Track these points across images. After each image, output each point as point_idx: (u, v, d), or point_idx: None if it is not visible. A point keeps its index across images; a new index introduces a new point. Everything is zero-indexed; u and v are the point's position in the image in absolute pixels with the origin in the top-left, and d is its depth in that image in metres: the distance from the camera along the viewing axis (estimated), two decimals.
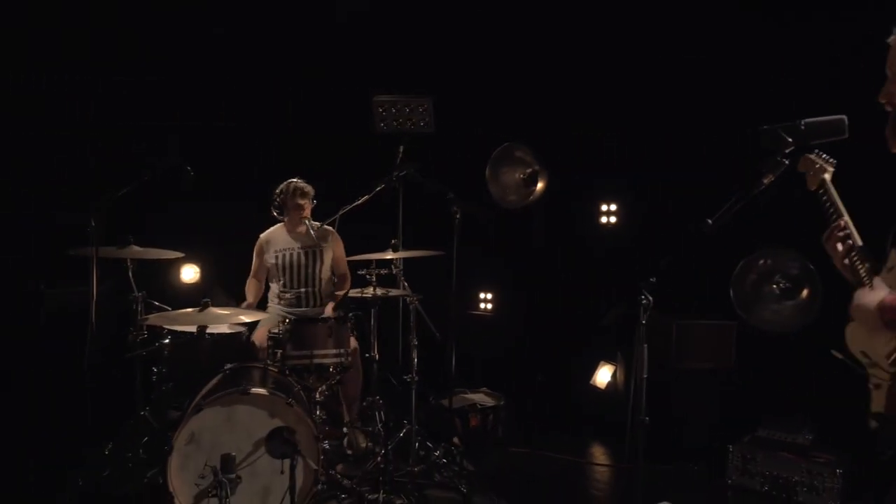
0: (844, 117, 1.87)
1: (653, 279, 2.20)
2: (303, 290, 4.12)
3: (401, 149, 3.78)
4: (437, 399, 4.24)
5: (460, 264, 3.69)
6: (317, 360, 3.37)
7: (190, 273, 5.31)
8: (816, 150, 1.97)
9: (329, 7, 5.25)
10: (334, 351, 3.40)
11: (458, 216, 3.70)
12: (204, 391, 3.14)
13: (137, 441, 3.50)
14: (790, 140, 1.93)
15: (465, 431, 4.09)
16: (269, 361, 3.46)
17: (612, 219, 5.36)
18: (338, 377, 3.45)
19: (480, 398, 4.41)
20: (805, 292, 4.03)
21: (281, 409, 2.97)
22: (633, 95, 5.04)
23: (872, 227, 2.02)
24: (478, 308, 5.92)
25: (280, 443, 2.77)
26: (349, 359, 3.47)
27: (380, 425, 3.74)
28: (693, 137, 4.78)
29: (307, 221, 4.00)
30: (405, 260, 3.80)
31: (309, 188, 4.09)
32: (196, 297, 3.39)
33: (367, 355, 3.65)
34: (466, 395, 4.43)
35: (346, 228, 4.24)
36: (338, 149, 5.61)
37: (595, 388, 4.89)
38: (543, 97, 5.37)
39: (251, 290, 4.23)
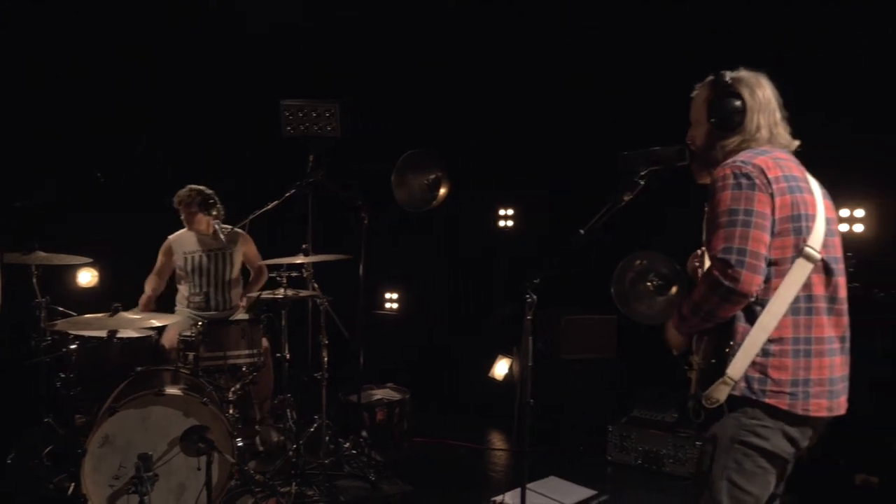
0: (685, 147, 2.24)
1: (536, 280, 2.51)
2: (211, 292, 4.21)
3: (311, 157, 3.95)
4: (346, 395, 4.45)
5: (367, 266, 3.93)
6: (230, 361, 3.51)
7: (87, 277, 5.22)
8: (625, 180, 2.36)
9: (240, 16, 5.31)
10: (247, 352, 3.55)
11: (365, 221, 3.94)
12: (115, 394, 3.21)
13: (41, 448, 3.49)
14: (643, 164, 2.30)
15: (373, 425, 4.32)
16: (179, 364, 3.55)
17: (510, 223, 5.76)
18: (251, 377, 3.60)
19: (387, 393, 4.66)
20: (674, 289, 4.55)
21: (196, 408, 3.09)
22: (531, 104, 5.43)
23: None
24: (383, 308, 6.17)
25: (196, 441, 2.91)
26: (262, 359, 3.62)
27: (291, 421, 3.91)
28: (582, 148, 5.24)
29: (217, 225, 4.09)
30: (316, 262, 3.98)
31: (207, 193, 4.14)
32: (94, 300, 3.42)
33: (277, 355, 3.81)
34: (374, 391, 4.67)
35: (259, 231, 4.37)
36: (249, 154, 5.69)
37: (493, 379, 5.26)
38: (447, 105, 5.67)
39: (150, 284, 4.26)
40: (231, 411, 3.44)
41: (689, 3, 4.55)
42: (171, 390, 3.09)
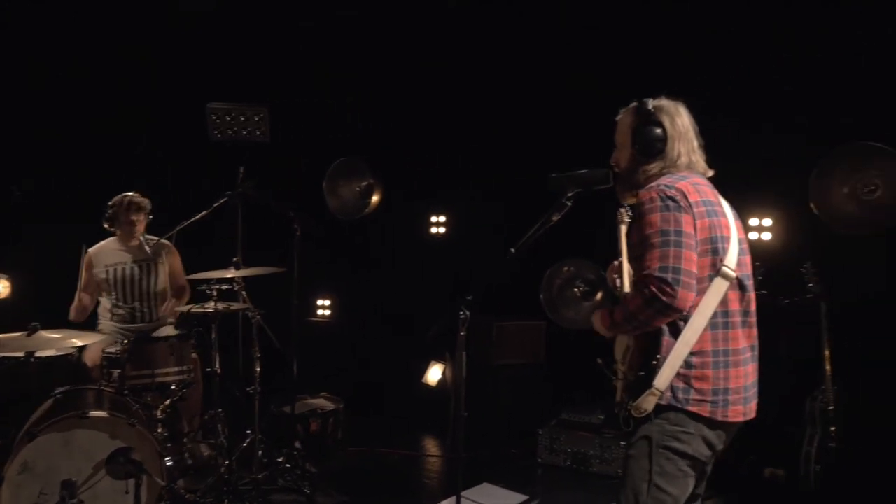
0: (609, 171, 2.35)
1: (469, 297, 2.58)
2: (137, 305, 4.08)
3: (241, 169, 3.88)
4: (279, 407, 4.40)
5: (301, 278, 3.91)
6: (159, 379, 3.42)
7: None
8: (626, 206, 2.44)
9: (162, 16, 5.16)
10: (176, 368, 3.47)
11: (298, 233, 3.91)
12: (34, 418, 3.07)
13: None
14: (570, 185, 2.40)
15: (307, 436, 4.30)
16: (103, 382, 3.42)
17: (442, 229, 5.83)
18: (180, 394, 3.52)
19: (321, 403, 4.64)
20: (599, 295, 4.76)
21: (122, 430, 3.00)
22: (462, 110, 5.50)
23: None
24: (316, 315, 6.13)
25: (122, 463, 2.83)
26: (192, 375, 3.55)
27: (222, 437, 3.84)
28: (513, 154, 5.37)
29: (142, 236, 3.97)
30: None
31: (144, 202, 4.06)
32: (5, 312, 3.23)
33: (208, 370, 3.74)
34: (307, 401, 4.64)
35: (186, 243, 4.26)
36: (177, 162, 5.54)
37: (427, 385, 5.32)
38: (377, 112, 5.68)
39: (81, 301, 4.08)
40: (159, 430, 3.35)
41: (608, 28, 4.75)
42: (96, 412, 2.99)
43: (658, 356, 1.98)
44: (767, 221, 4.34)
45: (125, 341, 3.51)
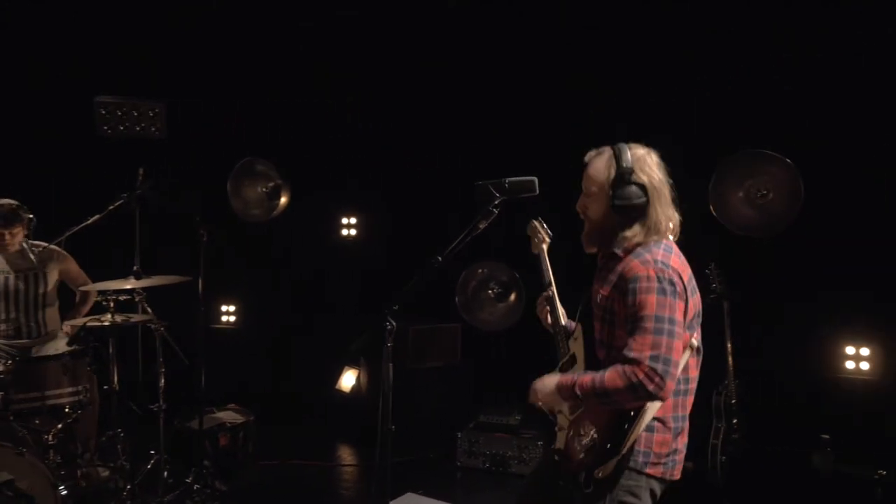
0: (535, 179, 2.34)
1: (395, 307, 2.50)
2: (22, 318, 3.70)
3: (141, 170, 3.60)
4: (184, 423, 4.14)
5: (206, 284, 3.68)
6: (50, 402, 3.11)
7: None
8: (539, 219, 2.43)
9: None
10: (70, 389, 3.17)
11: (204, 238, 3.68)
12: None
13: None
14: (497, 194, 2.37)
15: (216, 452, 4.06)
16: None
17: (353, 231, 5.70)
18: (75, 416, 3.22)
19: (229, 416, 4.40)
20: (513, 296, 4.83)
21: (8, 459, 2.71)
22: (369, 108, 5.40)
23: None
24: (220, 321, 5.83)
25: (12, 497, 2.56)
26: (88, 395, 3.26)
27: (122, 459, 3.57)
28: (423, 154, 5.34)
29: (24, 243, 3.60)
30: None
31: (15, 212, 3.63)
32: None
33: (105, 387, 3.45)
34: (214, 415, 4.39)
35: (77, 250, 3.92)
36: (67, 163, 5.09)
37: (340, 392, 5.18)
38: (285, 111, 5.47)
39: None
40: (51, 456, 3.06)
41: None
42: None
43: (627, 426, 1.96)
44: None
45: (8, 360, 3.17)
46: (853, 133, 4.10)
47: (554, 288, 2.37)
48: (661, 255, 1.98)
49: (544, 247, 2.42)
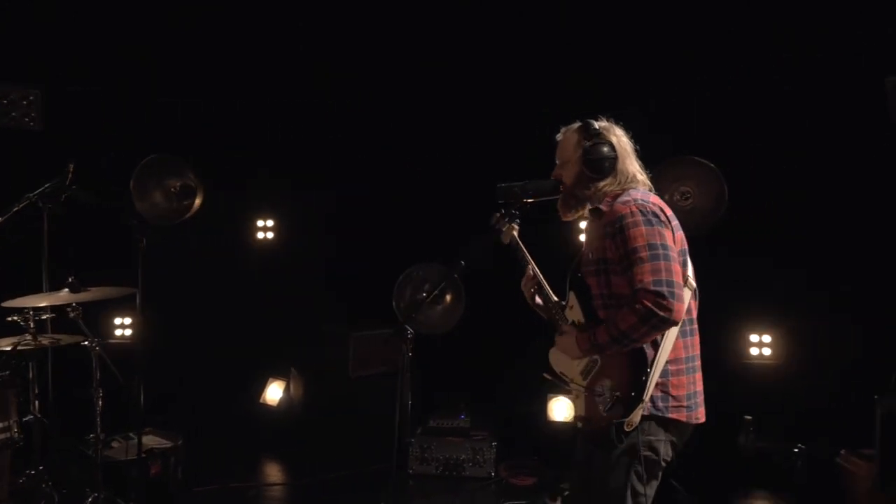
0: (558, 182, 2.35)
1: (413, 314, 2.41)
2: None
3: (70, 166, 3.13)
4: (107, 453, 3.66)
5: (145, 294, 3.29)
6: None
7: None
8: (502, 210, 2.38)
9: None
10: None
11: (143, 245, 3.29)
12: None
13: None
14: (520, 195, 2.36)
15: (148, 482, 3.64)
16: None
17: (269, 234, 5.37)
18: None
19: (154, 441, 3.96)
20: (449, 297, 4.80)
21: None
22: (296, 107, 5.13)
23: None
24: (113, 336, 5.21)
25: None
26: (17, 433, 2.76)
27: (45, 501, 3.09)
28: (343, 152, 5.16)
29: None
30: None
31: None
32: None
33: (26, 419, 2.97)
34: (141, 441, 3.92)
35: None
36: None
37: (267, 405, 4.87)
38: (199, 104, 5.03)
39: None
40: None
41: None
42: None
43: (648, 370, 2.03)
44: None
45: None
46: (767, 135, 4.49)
47: (534, 265, 2.39)
48: (639, 195, 2.13)
49: (514, 233, 2.39)
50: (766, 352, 4.68)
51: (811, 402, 4.24)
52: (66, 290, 2.96)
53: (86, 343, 3.09)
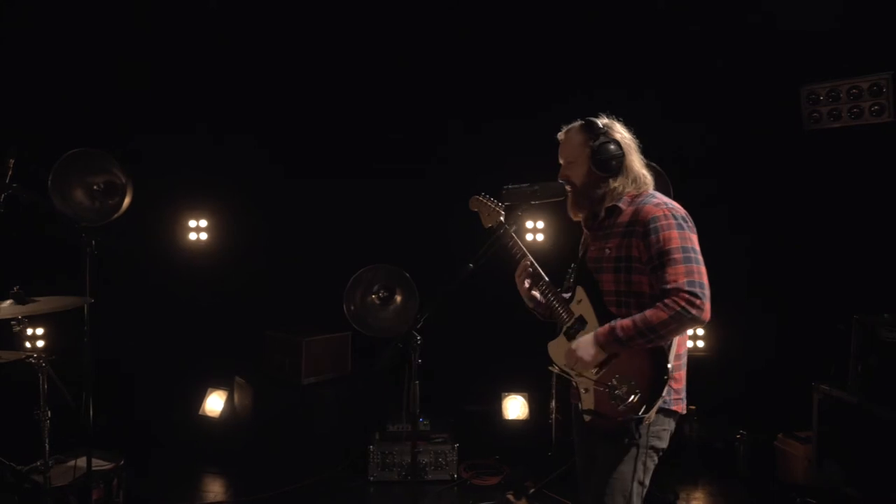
0: (564, 184, 2.35)
1: (422, 318, 2.34)
2: None
3: (11, 161, 2.77)
4: (35, 478, 3.28)
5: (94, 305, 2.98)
6: None
7: None
8: (484, 193, 2.41)
9: None
10: None
11: (94, 251, 2.98)
12: None
13: None
14: (527, 197, 2.34)
15: None
16: None
17: (203, 235, 5.04)
18: None
19: (95, 462, 3.60)
20: (399, 298, 4.71)
21: None
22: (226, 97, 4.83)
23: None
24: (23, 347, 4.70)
25: None
26: None
27: None
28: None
29: None
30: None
31: None
32: None
33: None
34: (68, 464, 3.55)
35: None
36: None
37: (207, 417, 4.57)
38: (122, 93, 4.63)
39: None
40: None
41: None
42: None
43: (668, 366, 2.07)
44: (540, 224, 4.85)
45: None
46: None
47: (531, 258, 2.38)
48: (665, 199, 2.19)
49: (501, 219, 2.39)
50: (700, 344, 4.94)
51: (746, 391, 4.53)
52: (10, 301, 2.62)
53: (32, 360, 2.75)
